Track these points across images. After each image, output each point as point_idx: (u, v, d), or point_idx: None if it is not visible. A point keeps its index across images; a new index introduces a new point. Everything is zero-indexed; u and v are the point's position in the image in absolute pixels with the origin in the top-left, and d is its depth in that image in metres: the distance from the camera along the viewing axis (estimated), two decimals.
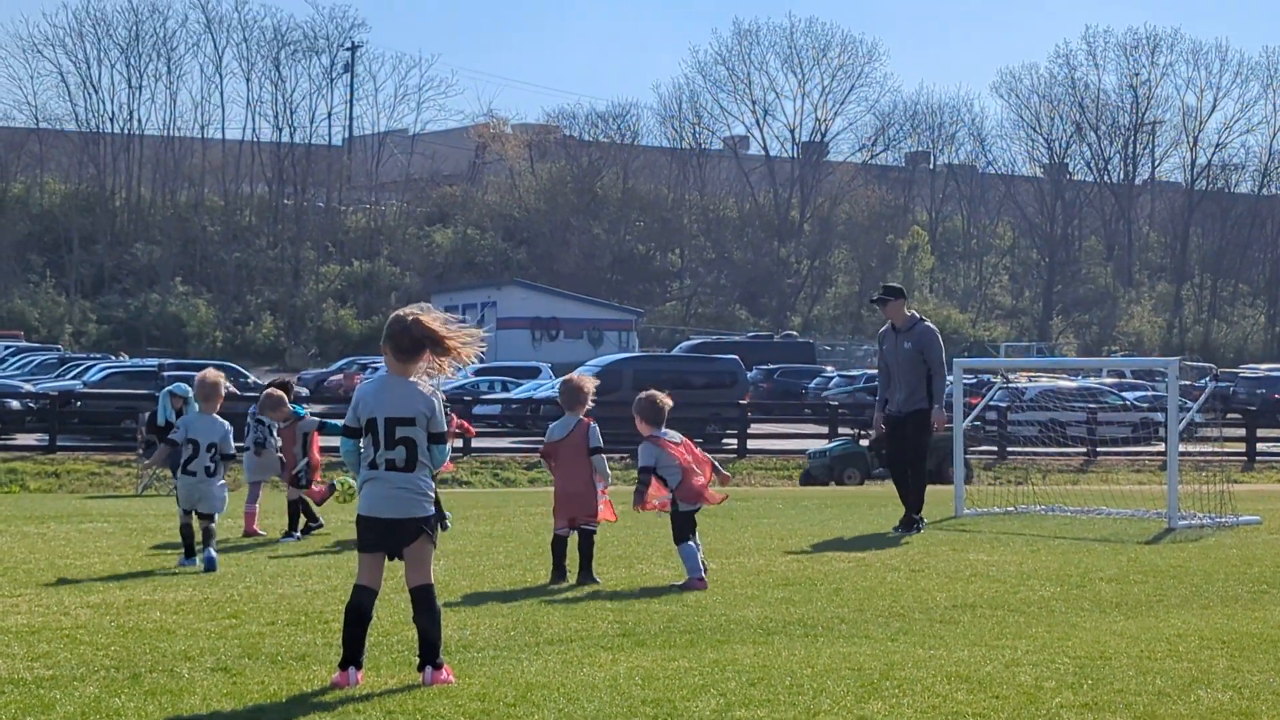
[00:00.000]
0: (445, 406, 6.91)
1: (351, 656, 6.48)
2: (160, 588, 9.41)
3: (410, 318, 6.71)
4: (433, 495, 6.83)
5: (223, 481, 11.02)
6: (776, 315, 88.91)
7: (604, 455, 10.31)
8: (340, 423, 7.27)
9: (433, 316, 6.75)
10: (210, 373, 11.49)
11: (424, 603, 6.67)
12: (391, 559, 6.76)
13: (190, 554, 10.81)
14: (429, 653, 6.59)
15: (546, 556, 11.11)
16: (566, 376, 11.31)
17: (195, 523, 10.87)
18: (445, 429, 6.84)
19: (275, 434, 13.98)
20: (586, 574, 10.02)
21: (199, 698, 6.15)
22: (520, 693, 6.27)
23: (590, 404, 10.49)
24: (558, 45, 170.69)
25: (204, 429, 10.93)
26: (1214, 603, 9.43)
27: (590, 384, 10.53)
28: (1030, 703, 6.23)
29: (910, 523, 14.33)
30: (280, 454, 13.79)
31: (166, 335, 73.75)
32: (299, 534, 13.16)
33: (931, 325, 15.29)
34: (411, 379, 6.73)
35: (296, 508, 13.39)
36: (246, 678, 6.56)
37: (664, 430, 10.20)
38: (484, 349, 6.90)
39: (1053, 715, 6.03)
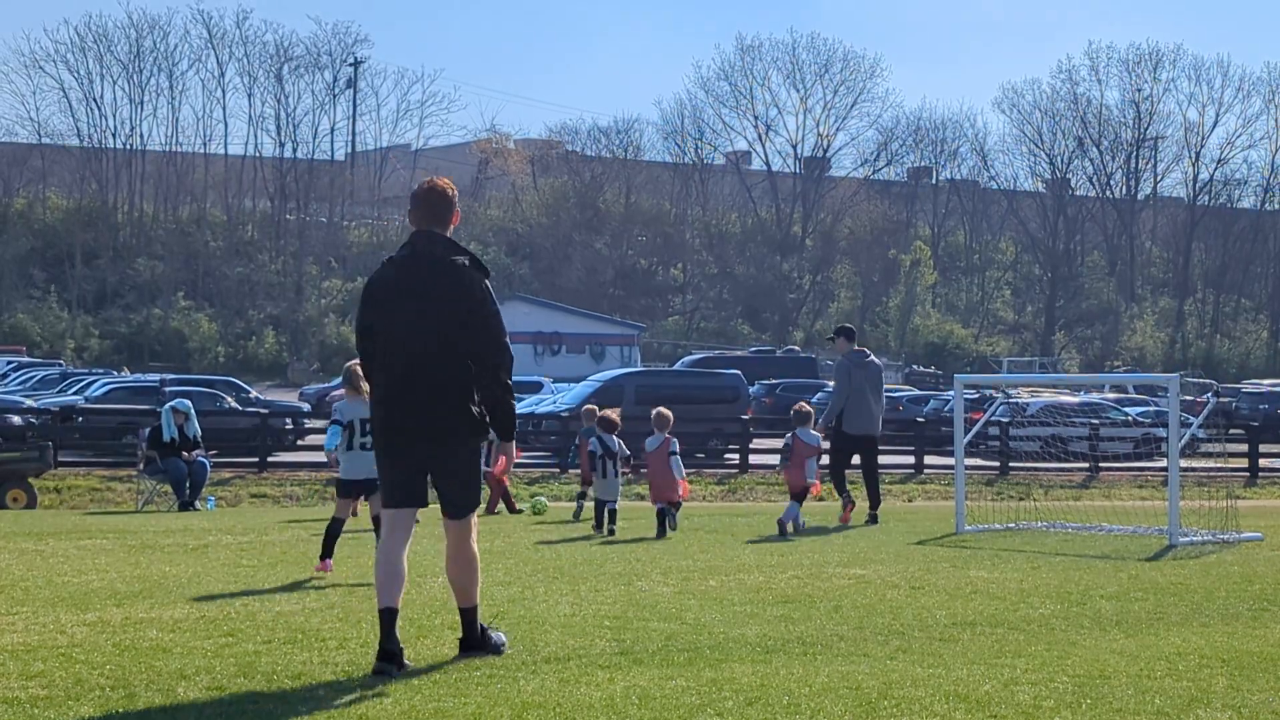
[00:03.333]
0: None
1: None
2: (157, 605, 9.38)
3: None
4: None
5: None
6: (779, 330, 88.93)
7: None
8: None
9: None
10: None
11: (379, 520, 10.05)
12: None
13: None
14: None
15: (547, 574, 11.27)
16: (657, 409, 16.32)
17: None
18: None
19: None
20: (661, 531, 15.39)
21: (194, 717, 6.13)
22: (516, 712, 6.24)
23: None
24: (560, 61, 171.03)
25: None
26: (1214, 620, 9.40)
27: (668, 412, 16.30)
28: None
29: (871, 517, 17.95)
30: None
31: (169, 350, 73.81)
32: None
33: (846, 362, 18.33)
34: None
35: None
36: (242, 697, 6.53)
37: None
38: None
39: None
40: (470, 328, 7.33)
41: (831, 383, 18.86)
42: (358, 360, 8.61)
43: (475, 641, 7.57)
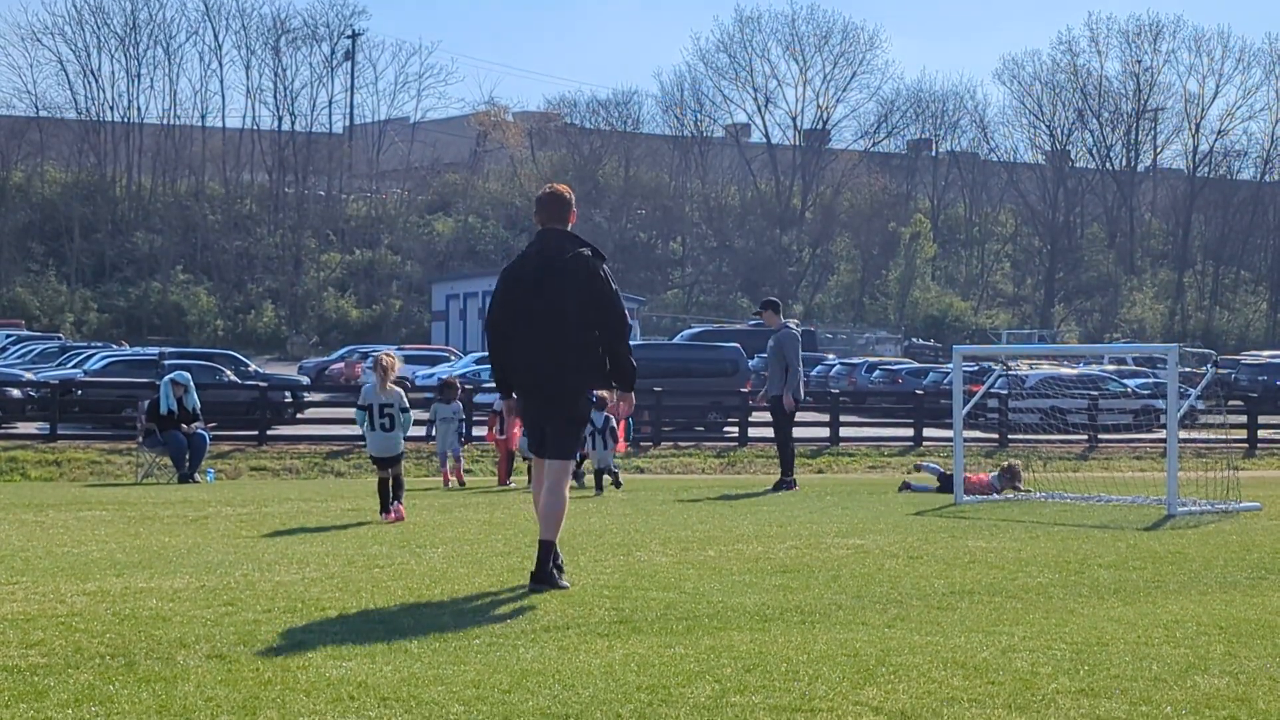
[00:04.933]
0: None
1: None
2: (157, 575, 9.39)
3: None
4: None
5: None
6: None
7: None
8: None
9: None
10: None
11: (398, 478, 13.87)
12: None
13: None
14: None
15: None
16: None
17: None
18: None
19: None
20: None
21: (193, 685, 6.13)
22: (515, 679, 6.26)
23: None
24: (559, 33, 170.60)
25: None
26: (1212, 588, 9.42)
27: None
28: (1026, 688, 6.22)
29: (780, 484, 18.31)
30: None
31: (167, 324, 73.86)
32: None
33: (793, 332, 18.80)
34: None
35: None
36: (242, 665, 6.54)
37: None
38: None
39: (1048, 701, 6.02)
40: (598, 306, 8.99)
41: (832, 356, 18.86)
42: (385, 351, 13.97)
43: (542, 573, 8.81)
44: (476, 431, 28.70)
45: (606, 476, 18.78)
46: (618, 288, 9.19)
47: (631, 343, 9.67)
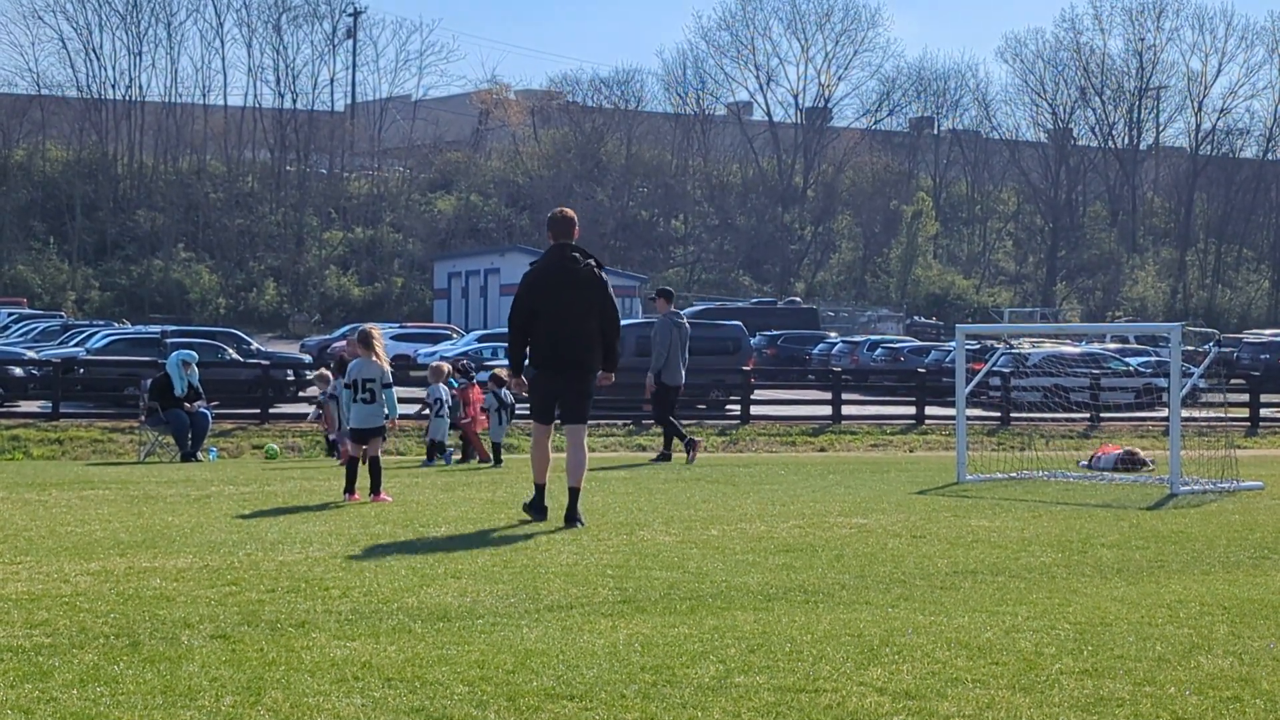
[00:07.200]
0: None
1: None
2: (160, 555, 9.40)
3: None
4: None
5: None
6: (780, 281, 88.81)
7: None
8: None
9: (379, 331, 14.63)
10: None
11: (374, 462, 13.79)
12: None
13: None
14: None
15: (548, 523, 11.29)
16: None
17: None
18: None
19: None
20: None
21: (198, 665, 6.14)
22: (519, 659, 6.26)
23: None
24: (561, 10, 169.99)
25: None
26: (1215, 568, 9.43)
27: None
28: (1030, 669, 6.23)
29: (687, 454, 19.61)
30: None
31: (169, 302, 73.82)
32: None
33: (665, 320, 19.83)
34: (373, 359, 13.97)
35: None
36: (246, 645, 6.55)
37: None
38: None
39: (1052, 681, 6.02)
40: (603, 307, 11.57)
41: (834, 334, 18.84)
42: (372, 325, 14.59)
43: (573, 514, 11.14)
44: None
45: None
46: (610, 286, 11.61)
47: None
